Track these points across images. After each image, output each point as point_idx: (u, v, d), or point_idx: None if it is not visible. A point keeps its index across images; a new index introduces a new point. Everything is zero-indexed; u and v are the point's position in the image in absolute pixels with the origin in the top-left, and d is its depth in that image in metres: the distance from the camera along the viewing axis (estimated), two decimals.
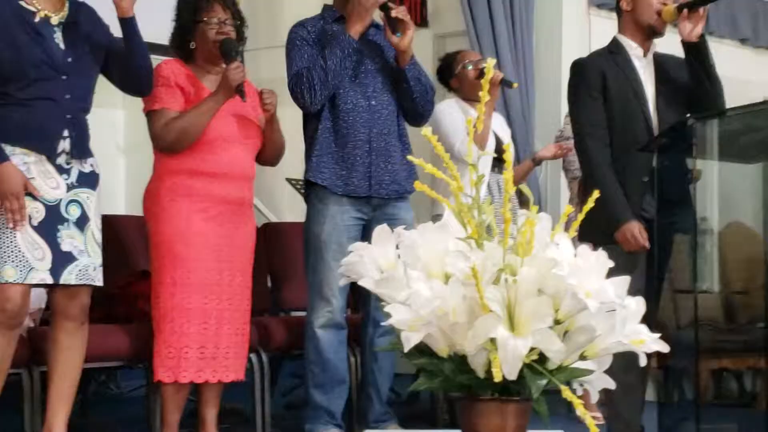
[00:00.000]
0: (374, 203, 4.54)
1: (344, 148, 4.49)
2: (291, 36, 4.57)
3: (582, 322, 2.06)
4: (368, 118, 4.53)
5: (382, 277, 2.15)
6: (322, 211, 4.50)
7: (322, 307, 4.50)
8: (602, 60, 4.42)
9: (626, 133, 4.30)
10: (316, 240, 4.50)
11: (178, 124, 4.18)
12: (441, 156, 2.16)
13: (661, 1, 4.38)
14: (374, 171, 4.52)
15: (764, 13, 8.37)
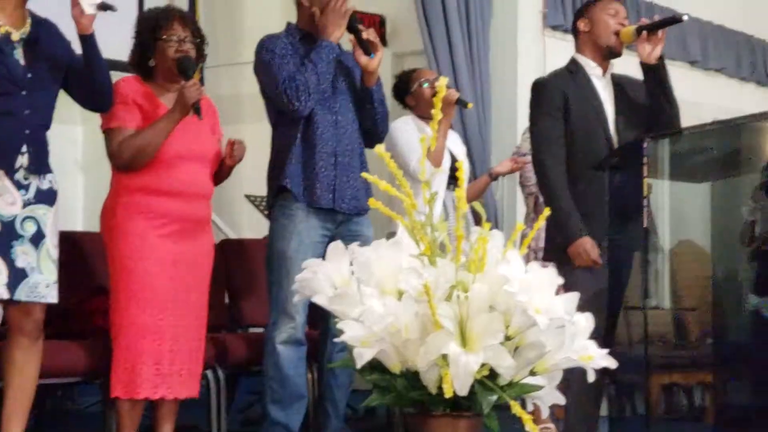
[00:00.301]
0: (338, 219, 4.56)
1: (312, 159, 4.51)
2: (269, 46, 4.55)
3: (532, 338, 2.10)
4: (334, 133, 4.56)
5: (336, 293, 2.18)
6: (288, 227, 4.51)
7: (285, 323, 4.50)
8: (563, 79, 4.45)
9: (589, 151, 4.33)
10: (281, 256, 4.50)
11: (134, 142, 4.19)
12: (395, 174, 2.20)
13: (618, 21, 4.43)
14: (338, 185, 4.54)
15: (714, 36, 8.49)
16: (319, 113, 4.52)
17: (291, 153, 4.50)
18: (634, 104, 4.44)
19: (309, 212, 4.50)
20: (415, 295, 2.07)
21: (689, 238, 4.91)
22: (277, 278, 4.51)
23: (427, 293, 2.01)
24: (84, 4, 3.86)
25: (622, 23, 4.41)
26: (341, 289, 2.17)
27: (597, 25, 4.42)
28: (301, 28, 4.64)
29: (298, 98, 4.42)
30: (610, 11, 4.44)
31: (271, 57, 4.50)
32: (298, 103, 4.43)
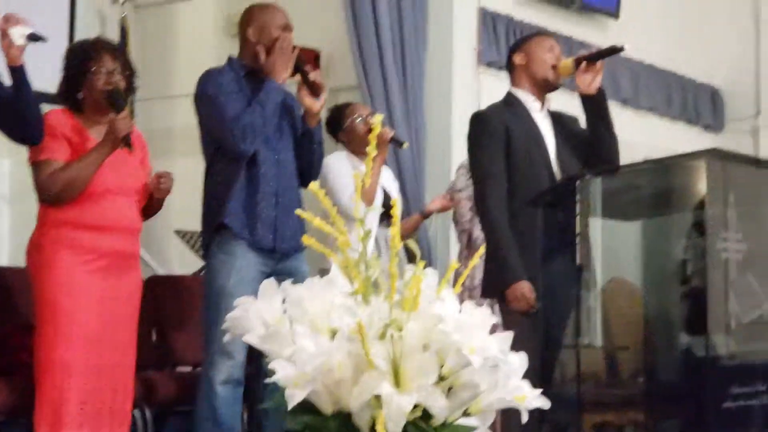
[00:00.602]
0: (276, 256, 4.52)
1: (254, 198, 4.47)
2: (215, 81, 4.50)
3: (466, 378, 2.08)
4: (276, 172, 4.53)
5: (268, 332, 2.14)
6: (227, 263, 4.44)
7: (224, 362, 4.42)
8: (503, 112, 4.44)
9: (531, 186, 4.33)
10: (220, 293, 4.43)
11: (63, 175, 4.13)
12: (328, 211, 2.18)
13: (552, 56, 4.46)
14: (279, 224, 4.50)
15: (645, 75, 8.60)
16: (262, 152, 4.49)
17: (232, 190, 4.45)
18: (572, 138, 4.46)
19: (248, 248, 4.45)
20: (348, 334, 2.04)
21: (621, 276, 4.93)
22: (215, 316, 4.43)
23: (360, 332, 1.98)
24: (14, 36, 3.81)
25: (558, 59, 4.44)
26: (273, 327, 2.14)
27: (534, 59, 4.44)
28: (245, 64, 4.60)
29: (243, 139, 4.38)
30: (546, 46, 4.47)
31: (217, 92, 4.45)
32: (243, 145, 4.39)
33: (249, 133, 4.38)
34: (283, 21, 4.61)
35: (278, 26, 4.57)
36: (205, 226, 4.55)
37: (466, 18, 7.12)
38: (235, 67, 4.59)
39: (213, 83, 4.48)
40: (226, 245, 4.44)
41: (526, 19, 7.48)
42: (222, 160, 4.51)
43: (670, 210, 4.59)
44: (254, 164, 4.48)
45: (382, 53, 6.59)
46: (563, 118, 4.54)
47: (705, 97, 9.24)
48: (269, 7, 4.69)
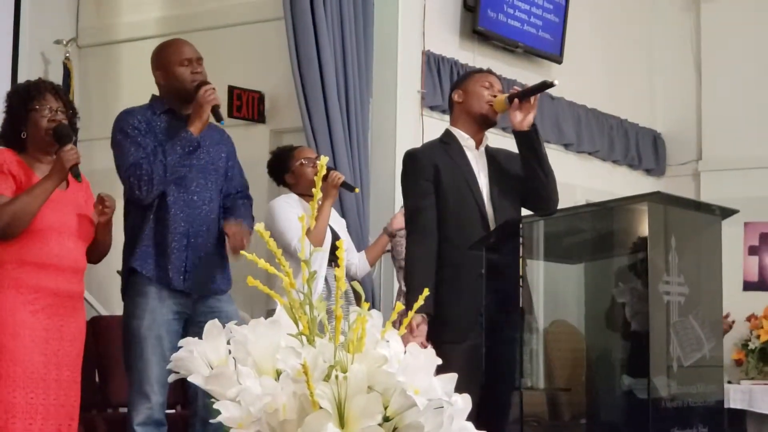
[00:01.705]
0: (194, 297, 4.50)
1: (164, 239, 4.44)
2: (120, 124, 4.50)
3: (410, 419, 2.08)
4: (189, 213, 4.50)
5: (212, 373, 2.14)
6: (140, 305, 4.42)
7: (142, 404, 4.39)
8: (435, 150, 4.47)
9: (462, 224, 4.35)
10: (134, 334, 4.40)
11: (9, 208, 4.10)
12: (274, 252, 2.18)
13: (491, 92, 4.48)
14: (189, 266, 4.46)
15: (587, 120, 8.70)
16: (173, 193, 4.46)
17: (143, 233, 4.43)
18: (508, 176, 4.48)
19: (161, 289, 4.43)
20: (293, 375, 2.04)
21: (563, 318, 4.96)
22: (131, 357, 4.41)
23: (305, 373, 1.98)
24: None
25: (494, 93, 4.47)
26: (217, 368, 2.13)
27: (471, 96, 4.47)
28: (164, 101, 4.59)
29: (139, 187, 4.38)
30: (484, 83, 4.50)
31: (123, 137, 4.46)
32: (138, 192, 4.39)
33: (145, 182, 4.37)
34: (185, 55, 4.58)
35: (179, 62, 4.55)
36: (123, 269, 4.53)
37: (411, 61, 7.17)
38: (154, 106, 4.58)
39: (119, 129, 4.50)
40: (139, 287, 4.43)
41: (471, 62, 7.54)
42: (134, 203, 4.50)
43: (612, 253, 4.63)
44: (164, 206, 4.46)
45: (326, 95, 6.61)
46: (500, 156, 4.56)
47: (647, 142, 9.36)
48: (171, 45, 4.68)
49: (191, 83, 4.51)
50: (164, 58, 4.60)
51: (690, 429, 4.36)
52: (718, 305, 4.73)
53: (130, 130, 4.45)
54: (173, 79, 4.54)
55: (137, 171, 4.37)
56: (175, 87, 4.54)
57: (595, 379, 4.65)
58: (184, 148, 4.41)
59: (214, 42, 7.12)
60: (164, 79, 4.58)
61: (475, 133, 4.49)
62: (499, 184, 4.45)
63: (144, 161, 4.37)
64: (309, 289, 2.15)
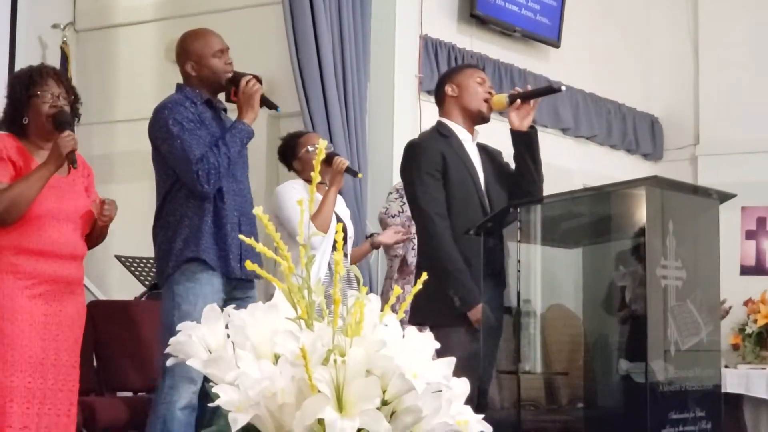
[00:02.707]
0: (233, 283, 4.52)
1: (221, 229, 4.47)
2: (176, 116, 4.45)
3: (409, 402, 2.08)
4: (240, 201, 4.54)
5: (210, 357, 2.14)
6: (193, 290, 4.42)
7: (187, 388, 4.38)
8: (438, 142, 4.49)
9: (465, 214, 4.39)
10: (185, 319, 4.39)
11: (7, 194, 4.10)
12: (272, 236, 2.18)
13: (485, 89, 4.50)
14: (244, 253, 4.50)
15: (584, 104, 8.70)
16: (225, 184, 4.50)
17: (204, 225, 4.44)
18: (498, 170, 4.53)
19: (212, 275, 4.44)
20: (291, 359, 2.04)
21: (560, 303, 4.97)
22: None
23: (303, 357, 1.98)
24: None
25: (489, 92, 4.49)
26: (216, 352, 2.14)
27: (465, 91, 4.48)
28: (199, 92, 4.58)
29: (208, 181, 4.40)
30: (477, 79, 4.52)
31: (180, 130, 4.43)
32: (207, 186, 4.40)
33: (213, 175, 4.40)
34: (218, 46, 4.62)
35: (213, 54, 4.57)
36: (171, 258, 4.49)
37: (408, 45, 7.17)
38: (190, 96, 4.57)
39: (174, 120, 4.45)
40: (192, 274, 4.43)
41: (468, 46, 7.54)
42: (181, 192, 4.50)
43: (610, 237, 4.64)
44: (220, 197, 4.48)
45: (324, 80, 6.61)
46: (489, 151, 4.62)
47: (645, 126, 9.37)
48: (200, 35, 4.69)
49: (225, 74, 4.55)
50: (197, 50, 4.61)
51: (687, 413, 4.37)
52: (715, 289, 4.73)
53: (186, 123, 4.45)
54: (208, 70, 4.57)
55: (205, 165, 4.38)
56: (209, 78, 4.57)
57: (593, 364, 4.66)
58: (243, 140, 4.47)
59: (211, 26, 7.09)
60: (197, 71, 4.59)
61: (468, 127, 4.53)
62: (493, 178, 4.51)
63: (210, 154, 4.39)
64: (307, 273, 2.15)
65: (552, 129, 8.37)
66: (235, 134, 4.46)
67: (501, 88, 7.82)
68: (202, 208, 4.47)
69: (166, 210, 4.54)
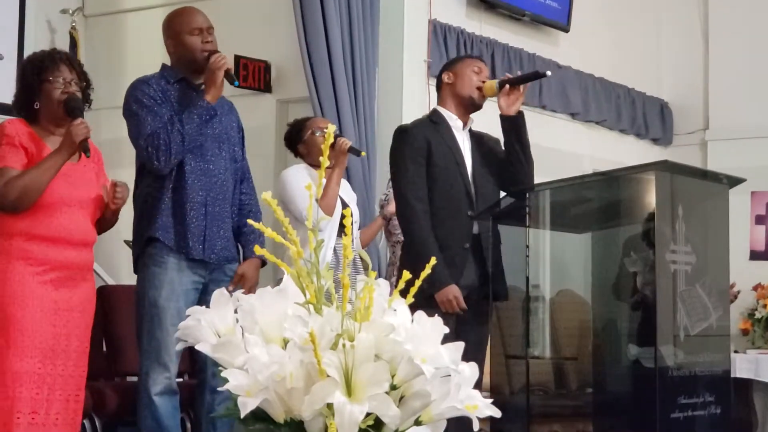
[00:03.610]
0: (210, 266, 4.51)
1: (182, 209, 4.44)
2: (135, 93, 4.48)
3: (417, 387, 2.09)
4: (205, 182, 4.50)
5: (220, 341, 2.14)
6: (159, 275, 4.42)
7: (160, 373, 4.41)
8: (426, 128, 4.59)
9: (449, 200, 4.46)
10: (152, 304, 4.41)
11: (20, 181, 4.10)
12: (280, 221, 2.18)
13: (480, 78, 4.58)
14: (208, 235, 4.48)
15: (594, 89, 8.67)
16: (189, 162, 4.46)
17: (161, 203, 4.43)
18: (490, 157, 4.59)
19: (180, 259, 4.43)
20: (300, 344, 2.04)
21: (570, 288, 4.97)
22: (149, 327, 4.42)
23: (312, 341, 1.98)
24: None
25: (483, 79, 4.56)
26: (225, 337, 2.14)
27: (460, 79, 4.59)
28: (176, 70, 4.58)
29: (158, 157, 4.37)
30: (474, 68, 4.62)
31: (139, 107, 4.43)
32: (157, 162, 4.38)
33: (163, 151, 4.36)
34: (196, 24, 4.56)
35: (190, 31, 4.54)
36: (136, 238, 4.53)
37: (417, 30, 7.14)
38: (166, 75, 4.57)
39: (134, 98, 4.47)
40: (158, 257, 4.42)
41: (477, 31, 7.52)
42: (147, 174, 4.50)
43: (619, 222, 4.64)
44: (181, 175, 4.46)
45: (333, 65, 6.59)
46: (484, 139, 4.68)
47: (654, 111, 9.33)
48: (182, 13, 4.66)
49: (201, 53, 4.50)
50: (175, 26, 4.59)
51: (696, 398, 4.37)
52: (725, 274, 4.73)
53: (146, 100, 4.44)
54: (184, 48, 4.54)
55: (155, 141, 4.36)
56: (186, 56, 4.54)
57: (602, 349, 4.67)
58: (202, 116, 4.42)
59: (220, 11, 7.10)
60: (175, 48, 4.58)
61: (462, 115, 4.62)
62: (483, 165, 4.56)
63: (162, 130, 4.36)
64: (316, 257, 2.15)
65: (561, 113, 8.35)
66: (192, 111, 4.42)
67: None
68: (162, 187, 4.45)
69: (136, 192, 4.55)
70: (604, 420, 4.67)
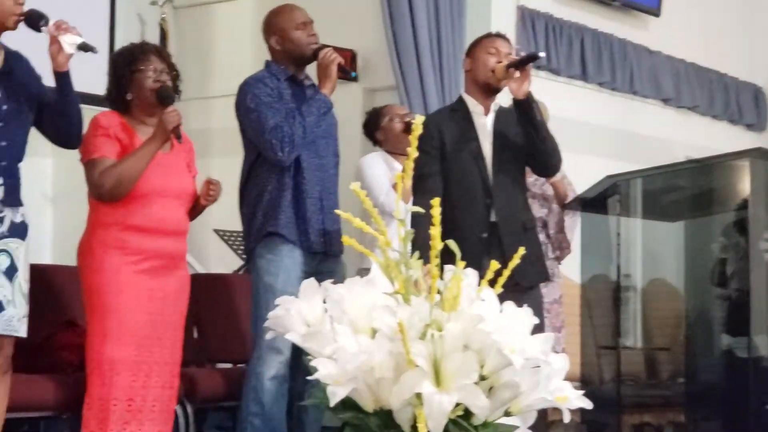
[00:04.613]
0: (318, 258, 4.55)
1: (302, 204, 4.51)
2: (252, 91, 4.51)
3: (507, 378, 2.07)
4: (320, 176, 4.57)
5: (309, 331, 2.15)
6: (274, 262, 4.47)
7: (274, 358, 4.44)
8: (442, 117, 4.52)
9: (464, 188, 4.37)
10: (269, 290, 4.45)
11: (116, 169, 4.16)
12: (369, 211, 2.18)
13: (498, 59, 4.47)
14: (327, 227, 4.53)
15: (686, 74, 8.54)
16: (305, 158, 4.52)
17: (282, 199, 4.48)
18: (513, 139, 4.46)
19: (294, 248, 4.48)
20: (389, 334, 2.04)
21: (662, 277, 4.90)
22: (264, 313, 4.44)
23: (401, 331, 1.98)
24: (65, 44, 3.84)
25: (499, 60, 4.45)
26: (314, 326, 2.15)
27: (476, 63, 4.49)
28: (283, 67, 4.62)
29: (282, 149, 4.42)
30: (490, 50, 4.50)
31: (257, 104, 4.48)
32: (281, 154, 4.42)
33: (287, 143, 4.41)
34: (299, 19, 4.63)
35: (296, 27, 4.60)
36: (252, 232, 4.56)
37: (505, 17, 7.09)
38: (274, 72, 4.61)
39: (253, 95, 4.51)
40: (272, 245, 4.47)
41: (566, 17, 7.45)
42: (263, 167, 4.54)
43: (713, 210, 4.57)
44: (299, 171, 4.51)
45: (419, 53, 6.58)
46: (511, 118, 4.54)
47: (747, 96, 9.17)
48: (283, 10, 4.71)
49: (308, 46, 4.57)
50: (279, 23, 4.65)
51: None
52: None
53: (263, 96, 4.50)
54: (291, 43, 4.60)
55: (279, 133, 4.41)
56: (294, 51, 4.60)
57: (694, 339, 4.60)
58: (320, 109, 4.49)
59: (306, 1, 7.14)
60: (281, 45, 4.63)
61: (483, 100, 4.51)
62: (504, 151, 4.46)
63: (284, 123, 4.42)
64: (405, 248, 2.14)
65: (652, 99, 8.23)
66: (311, 104, 4.48)
67: (600, 60, 7.72)
68: (281, 183, 4.50)
69: (249, 186, 4.59)
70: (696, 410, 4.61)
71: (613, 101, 7.94)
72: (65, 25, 3.87)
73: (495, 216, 4.36)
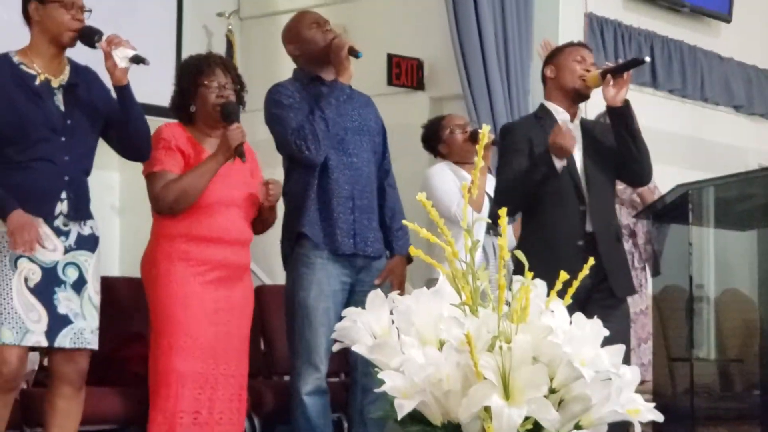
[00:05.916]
0: (358, 265, 4.52)
1: (328, 205, 4.48)
2: (275, 97, 4.55)
3: (577, 391, 2.03)
4: (351, 175, 4.53)
5: (376, 342, 2.13)
6: (307, 276, 4.46)
7: (311, 374, 4.45)
8: (529, 124, 4.49)
9: (557, 196, 4.31)
10: (302, 305, 4.45)
11: (177, 185, 4.18)
12: (436, 221, 2.15)
13: (584, 67, 4.42)
14: (358, 228, 4.50)
15: (758, 81, 8.42)
16: (333, 157, 4.49)
17: (308, 199, 4.47)
18: (602, 149, 4.41)
19: (328, 260, 4.46)
20: (456, 345, 2.01)
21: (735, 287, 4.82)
22: (300, 328, 4.46)
23: (469, 343, 1.95)
24: (117, 58, 3.87)
25: (587, 68, 4.41)
26: (381, 338, 2.12)
27: (563, 71, 4.45)
28: (308, 71, 4.62)
29: (307, 147, 4.41)
30: (576, 57, 4.47)
31: (280, 110, 4.50)
32: (308, 152, 4.42)
33: (312, 140, 4.40)
34: (310, 19, 4.65)
35: (308, 27, 4.59)
36: (285, 237, 4.57)
37: (573, 24, 7.03)
38: (299, 77, 4.62)
39: (274, 102, 4.54)
40: (306, 257, 4.46)
41: (635, 23, 7.37)
42: (296, 171, 4.54)
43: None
44: (326, 171, 4.49)
45: (486, 61, 6.55)
46: (595, 128, 4.52)
47: None
48: (295, 17, 4.76)
49: (324, 41, 4.55)
50: (292, 29, 4.70)
51: None
52: None
53: (284, 100, 4.51)
54: (307, 43, 4.61)
55: (302, 132, 4.41)
56: (311, 50, 4.59)
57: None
58: (339, 98, 4.47)
59: (373, 10, 7.13)
60: (299, 48, 4.65)
61: (569, 107, 4.46)
62: (593, 157, 4.41)
63: (305, 122, 4.43)
64: (472, 258, 2.11)
65: (724, 106, 8.12)
66: (328, 95, 4.45)
67: (670, 67, 7.63)
68: (307, 184, 4.48)
69: (285, 191, 4.58)
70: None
71: (683, 109, 7.84)
72: (117, 39, 3.90)
73: (590, 223, 4.31)
